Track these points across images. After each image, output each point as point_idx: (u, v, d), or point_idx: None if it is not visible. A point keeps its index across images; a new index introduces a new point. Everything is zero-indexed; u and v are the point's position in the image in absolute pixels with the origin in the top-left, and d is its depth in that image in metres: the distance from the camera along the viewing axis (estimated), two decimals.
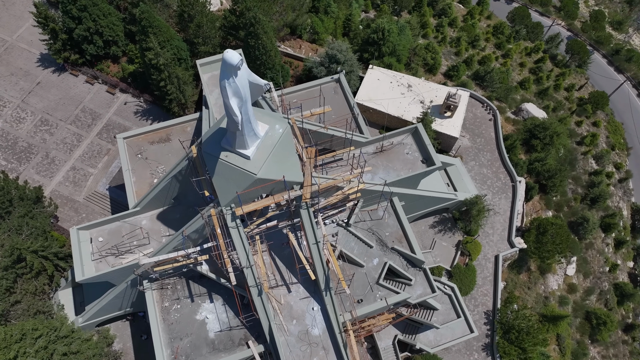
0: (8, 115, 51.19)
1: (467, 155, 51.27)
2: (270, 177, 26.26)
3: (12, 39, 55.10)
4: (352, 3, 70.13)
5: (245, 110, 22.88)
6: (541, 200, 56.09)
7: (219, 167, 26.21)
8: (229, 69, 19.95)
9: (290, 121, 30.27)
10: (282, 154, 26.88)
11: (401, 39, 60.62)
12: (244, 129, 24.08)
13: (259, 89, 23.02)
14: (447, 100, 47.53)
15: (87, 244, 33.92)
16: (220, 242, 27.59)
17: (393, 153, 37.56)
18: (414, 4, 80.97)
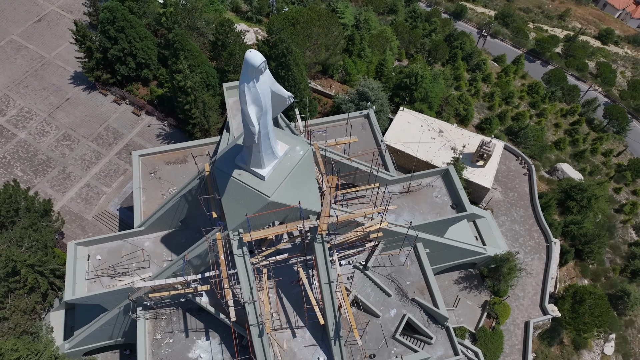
0: (33, 127, 51.03)
1: (498, 209, 47.90)
2: (284, 201, 23.81)
3: (50, 56, 56.11)
4: (386, 50, 69.97)
5: (264, 123, 20.86)
6: (576, 266, 51.60)
7: (230, 186, 23.98)
8: (250, 70, 18.14)
9: (313, 147, 28.17)
10: (301, 178, 24.54)
11: (434, 87, 59.31)
12: (261, 145, 21.98)
13: (281, 100, 21.09)
14: (480, 149, 44.99)
15: (83, 261, 31.61)
16: (223, 270, 24.84)
17: (420, 195, 34.78)
18: (447, 57, 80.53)
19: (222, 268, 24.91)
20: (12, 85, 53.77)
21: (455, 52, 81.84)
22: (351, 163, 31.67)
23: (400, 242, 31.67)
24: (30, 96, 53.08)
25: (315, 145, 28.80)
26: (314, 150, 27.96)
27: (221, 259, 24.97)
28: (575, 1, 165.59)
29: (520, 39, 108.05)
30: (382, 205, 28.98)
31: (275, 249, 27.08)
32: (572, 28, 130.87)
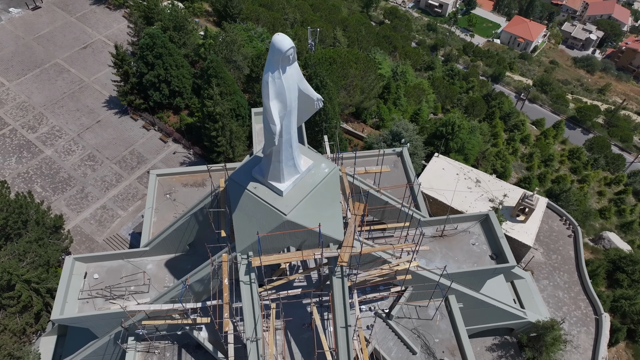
0: (60, 146, 50.68)
1: (539, 272, 43.12)
2: (302, 222, 20.86)
3: (88, 80, 57.01)
4: (422, 101, 68.53)
5: (288, 126, 18.48)
6: (628, 348, 45.35)
7: (243, 200, 21.32)
8: (276, 57, 16.03)
9: (340, 171, 25.48)
10: (323, 199, 21.69)
11: (471, 139, 56.64)
12: (282, 153, 19.48)
13: (309, 103, 18.78)
14: (522, 201, 41.23)
15: (79, 279, 28.93)
16: (225, 295, 21.59)
17: (455, 241, 31.09)
18: (485, 114, 78.44)
19: (225, 293, 21.68)
20: (48, 104, 54.36)
21: (493, 110, 79.74)
22: (380, 195, 28.66)
23: (431, 290, 27.73)
24: (64, 116, 53.33)
25: (343, 169, 26.15)
26: (340, 174, 25.25)
27: (225, 283, 21.82)
28: (615, 77, 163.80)
29: (559, 105, 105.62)
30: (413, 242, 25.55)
31: (287, 279, 23.73)
32: (613, 102, 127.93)
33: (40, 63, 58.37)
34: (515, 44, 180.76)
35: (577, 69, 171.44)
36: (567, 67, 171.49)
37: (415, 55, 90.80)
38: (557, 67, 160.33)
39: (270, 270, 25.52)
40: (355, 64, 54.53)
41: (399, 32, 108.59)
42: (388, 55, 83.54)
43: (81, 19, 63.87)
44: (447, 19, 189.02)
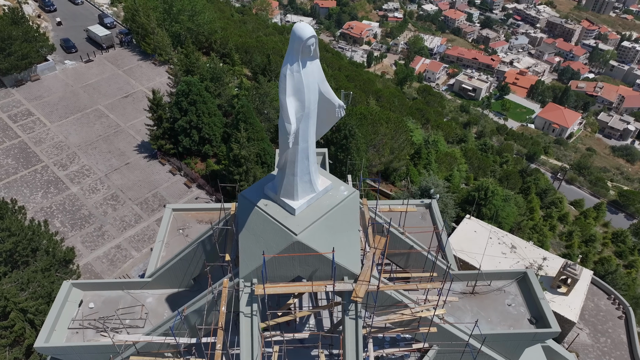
0: (87, 184, 50.93)
1: (584, 355, 37.78)
2: (314, 246, 18.63)
3: (124, 125, 58.68)
4: (454, 169, 66.72)
5: (305, 132, 17.00)
6: None
7: (252, 218, 19.45)
8: (296, 46, 15.00)
9: (362, 203, 23.42)
10: (340, 225, 19.55)
11: (505, 207, 53.67)
12: (297, 164, 17.86)
13: (330, 109, 17.41)
14: (563, 270, 37.28)
15: (73, 306, 26.80)
16: (220, 322, 18.95)
17: (489, 299, 27.54)
18: (519, 188, 75.43)
19: (221, 320, 19.07)
20: (82, 145, 55.71)
21: (528, 185, 76.78)
22: (405, 238, 26.08)
23: (459, 352, 23.99)
24: (95, 156, 54.24)
25: (365, 202, 24.07)
26: (361, 206, 23.18)
27: (221, 310, 19.30)
28: None
29: (599, 188, 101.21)
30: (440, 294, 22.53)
31: (294, 317, 20.88)
32: None
33: (82, 108, 60.91)
34: (549, 129, 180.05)
35: (615, 157, 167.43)
36: (605, 155, 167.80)
37: (447, 128, 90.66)
38: (594, 155, 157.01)
39: (276, 306, 22.78)
40: (386, 123, 54.15)
41: (432, 107, 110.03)
42: (420, 126, 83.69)
43: (127, 72, 67.48)
44: (480, 102, 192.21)
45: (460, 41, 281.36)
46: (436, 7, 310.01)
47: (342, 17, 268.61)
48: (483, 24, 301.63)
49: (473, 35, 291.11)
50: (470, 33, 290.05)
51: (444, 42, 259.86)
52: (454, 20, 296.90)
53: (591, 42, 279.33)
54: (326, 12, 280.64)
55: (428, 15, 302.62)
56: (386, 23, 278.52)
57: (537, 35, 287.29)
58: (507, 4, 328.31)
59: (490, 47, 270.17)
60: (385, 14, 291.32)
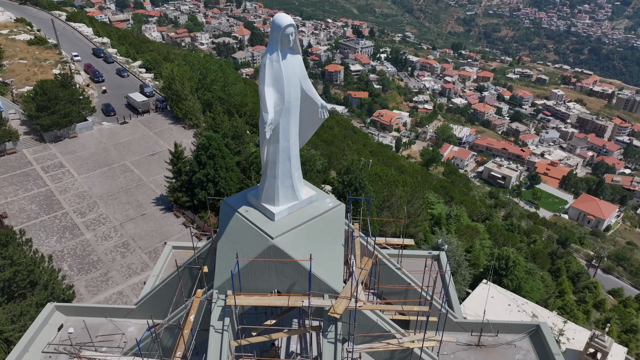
0: (101, 231, 51.57)
1: None
2: (291, 252, 17.60)
3: (146, 180, 60.55)
4: (476, 242, 64.00)
5: (286, 129, 16.87)
6: None
7: (232, 224, 18.82)
8: (275, 34, 15.43)
9: (354, 227, 22.34)
10: (322, 236, 18.59)
11: (528, 280, 50.30)
12: (278, 165, 17.54)
13: (313, 110, 17.36)
14: (591, 342, 33.46)
15: (52, 330, 25.71)
16: (185, 333, 17.49)
17: (496, 353, 24.63)
18: (548, 268, 70.90)
19: (186, 330, 17.64)
20: (104, 195, 57.38)
21: (558, 266, 72.26)
22: (401, 274, 24.31)
23: None
24: (114, 206, 55.49)
25: (356, 226, 22.96)
26: (352, 231, 22.07)
27: (189, 319, 17.96)
28: None
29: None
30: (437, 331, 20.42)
31: (268, 338, 19.10)
32: None
33: (110, 163, 63.73)
34: (584, 220, 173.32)
35: None
36: None
37: (472, 205, 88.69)
38: (635, 249, 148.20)
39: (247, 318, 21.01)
40: (402, 187, 53.62)
41: (457, 187, 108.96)
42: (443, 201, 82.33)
43: (158, 133, 71.17)
44: (510, 190, 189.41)
45: (489, 133, 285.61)
46: (465, 101, 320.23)
47: (373, 107, 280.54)
48: (513, 118, 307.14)
49: (503, 128, 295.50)
50: (499, 126, 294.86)
51: (472, 133, 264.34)
52: (484, 114, 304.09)
53: (625, 138, 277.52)
54: (358, 102, 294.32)
55: (457, 108, 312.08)
56: (416, 114, 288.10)
57: (568, 130, 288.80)
58: (537, 100, 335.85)
59: (521, 139, 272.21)
60: (416, 106, 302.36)
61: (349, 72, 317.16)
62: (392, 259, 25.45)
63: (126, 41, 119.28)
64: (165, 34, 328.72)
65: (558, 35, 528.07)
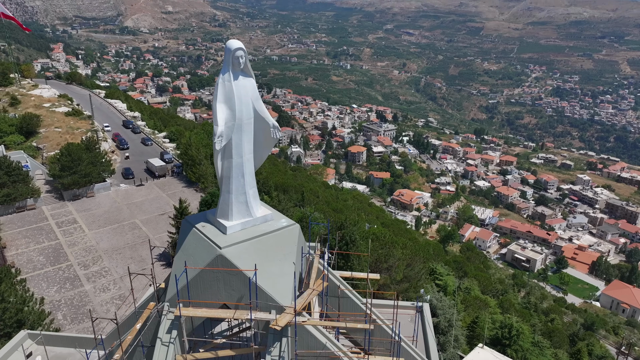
0: (100, 284, 52.27)
1: None
2: (238, 264, 18.04)
3: (152, 237, 62.00)
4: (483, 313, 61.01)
5: (239, 145, 18.15)
6: None
7: (188, 239, 19.57)
8: (227, 56, 17.25)
9: (315, 253, 22.54)
10: (273, 252, 19.02)
11: (536, 353, 47.37)
12: (232, 180, 18.62)
13: (266, 128, 18.68)
14: None
15: (20, 357, 25.81)
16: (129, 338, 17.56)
17: None
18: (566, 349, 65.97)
19: (132, 334, 17.74)
20: (109, 250, 58.83)
21: (579, 348, 67.28)
22: (367, 309, 23.77)
23: None
24: (117, 261, 56.60)
25: (318, 253, 23.09)
26: (313, 257, 22.28)
27: (135, 327, 18.12)
28: None
29: None
30: None
31: (214, 355, 18.78)
32: None
33: (121, 220, 66.00)
34: (619, 309, 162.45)
35: None
36: None
37: (485, 280, 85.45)
38: None
39: (197, 331, 20.64)
40: (402, 249, 53.05)
41: (473, 263, 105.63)
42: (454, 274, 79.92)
43: (170, 195, 73.95)
44: (535, 274, 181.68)
45: (514, 216, 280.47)
46: (488, 183, 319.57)
47: (395, 187, 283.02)
48: (538, 202, 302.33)
49: (527, 212, 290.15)
50: (524, 209, 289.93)
51: (496, 215, 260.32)
52: (507, 197, 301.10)
53: None
54: (380, 182, 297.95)
55: (480, 190, 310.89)
56: (438, 195, 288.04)
57: (597, 215, 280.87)
58: (562, 184, 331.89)
59: (547, 223, 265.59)
60: (438, 187, 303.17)
61: (371, 153, 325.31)
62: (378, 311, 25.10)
63: (156, 116, 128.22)
64: (198, 115, 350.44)
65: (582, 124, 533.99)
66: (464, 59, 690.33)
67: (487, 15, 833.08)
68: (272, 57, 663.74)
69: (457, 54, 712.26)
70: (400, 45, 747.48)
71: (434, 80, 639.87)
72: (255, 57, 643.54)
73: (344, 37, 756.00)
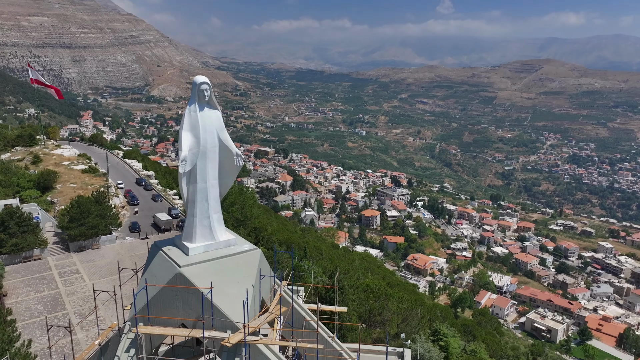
0: (93, 332, 52.03)
1: None
2: (196, 282, 18.69)
3: None
4: None
5: (203, 170, 19.46)
6: None
7: (154, 261, 20.43)
8: (193, 90, 19.01)
9: (282, 285, 22.89)
10: (232, 274, 19.64)
11: None
12: (197, 205, 19.75)
13: (230, 156, 20.00)
14: None
15: None
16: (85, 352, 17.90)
17: None
18: None
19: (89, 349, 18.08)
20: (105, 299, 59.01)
21: None
22: (334, 343, 23.51)
23: None
24: (113, 310, 56.47)
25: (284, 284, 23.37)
26: (279, 286, 22.63)
27: (93, 343, 18.51)
28: None
29: None
30: None
31: None
32: None
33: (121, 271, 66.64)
34: None
35: None
36: None
37: (495, 345, 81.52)
38: None
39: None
40: (398, 303, 52.14)
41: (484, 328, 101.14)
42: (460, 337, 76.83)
43: None
44: (557, 346, 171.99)
45: (534, 284, 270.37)
46: (506, 250, 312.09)
47: (409, 252, 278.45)
48: (558, 269, 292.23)
49: (548, 280, 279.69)
50: (544, 277, 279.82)
51: (514, 282, 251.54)
52: (526, 264, 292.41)
53: None
54: (394, 247, 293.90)
55: (498, 257, 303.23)
56: (454, 261, 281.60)
57: (623, 285, 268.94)
58: (583, 252, 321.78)
59: (570, 292, 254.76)
60: (454, 253, 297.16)
61: (385, 217, 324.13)
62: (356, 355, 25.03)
63: (169, 175, 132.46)
64: None
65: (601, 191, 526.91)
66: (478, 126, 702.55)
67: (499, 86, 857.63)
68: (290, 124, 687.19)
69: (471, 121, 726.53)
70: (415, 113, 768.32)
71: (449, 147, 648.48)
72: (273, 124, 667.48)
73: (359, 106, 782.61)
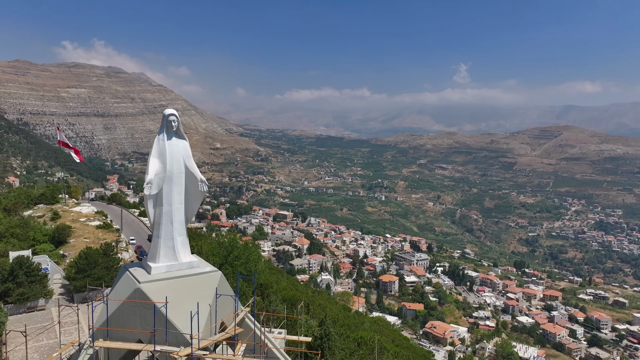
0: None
1: None
2: (154, 298, 19.65)
3: None
4: None
5: (169, 194, 21.02)
6: None
7: (121, 281, 21.53)
8: (162, 120, 21.06)
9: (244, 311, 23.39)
10: (191, 293, 20.50)
11: None
12: (161, 227, 21.14)
13: (195, 182, 21.57)
14: None
15: None
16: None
17: None
18: None
19: None
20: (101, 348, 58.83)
21: None
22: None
23: None
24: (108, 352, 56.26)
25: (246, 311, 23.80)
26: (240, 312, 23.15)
27: (51, 355, 19.22)
28: None
29: None
30: None
31: None
32: None
33: None
34: None
35: None
36: None
37: None
38: None
39: None
40: (394, 358, 50.55)
41: None
42: None
43: None
44: None
45: (564, 357, 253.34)
46: (532, 319, 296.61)
47: (428, 319, 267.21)
48: (590, 342, 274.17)
49: (580, 353, 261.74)
50: (575, 350, 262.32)
51: (542, 355, 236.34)
52: (555, 335, 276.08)
53: None
54: (413, 314, 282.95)
55: (524, 327, 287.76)
56: (476, 330, 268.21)
57: None
58: (617, 324, 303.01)
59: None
60: (476, 322, 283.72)
61: (404, 283, 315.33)
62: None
63: None
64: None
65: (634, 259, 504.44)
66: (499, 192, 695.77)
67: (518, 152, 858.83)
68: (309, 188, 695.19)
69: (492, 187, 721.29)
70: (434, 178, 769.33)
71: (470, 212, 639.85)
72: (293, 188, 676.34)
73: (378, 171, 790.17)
